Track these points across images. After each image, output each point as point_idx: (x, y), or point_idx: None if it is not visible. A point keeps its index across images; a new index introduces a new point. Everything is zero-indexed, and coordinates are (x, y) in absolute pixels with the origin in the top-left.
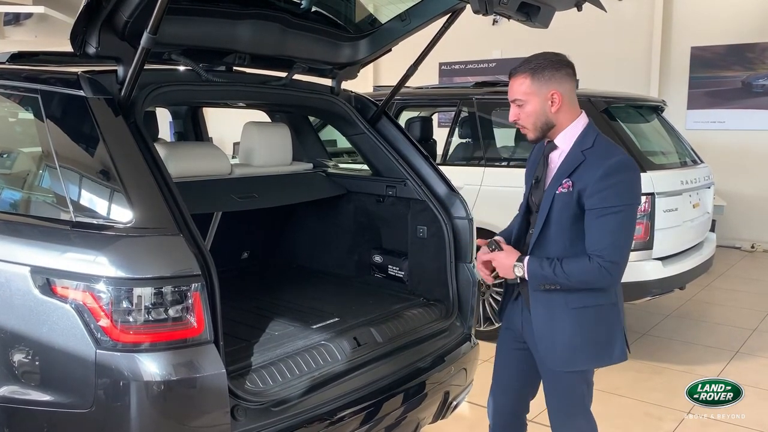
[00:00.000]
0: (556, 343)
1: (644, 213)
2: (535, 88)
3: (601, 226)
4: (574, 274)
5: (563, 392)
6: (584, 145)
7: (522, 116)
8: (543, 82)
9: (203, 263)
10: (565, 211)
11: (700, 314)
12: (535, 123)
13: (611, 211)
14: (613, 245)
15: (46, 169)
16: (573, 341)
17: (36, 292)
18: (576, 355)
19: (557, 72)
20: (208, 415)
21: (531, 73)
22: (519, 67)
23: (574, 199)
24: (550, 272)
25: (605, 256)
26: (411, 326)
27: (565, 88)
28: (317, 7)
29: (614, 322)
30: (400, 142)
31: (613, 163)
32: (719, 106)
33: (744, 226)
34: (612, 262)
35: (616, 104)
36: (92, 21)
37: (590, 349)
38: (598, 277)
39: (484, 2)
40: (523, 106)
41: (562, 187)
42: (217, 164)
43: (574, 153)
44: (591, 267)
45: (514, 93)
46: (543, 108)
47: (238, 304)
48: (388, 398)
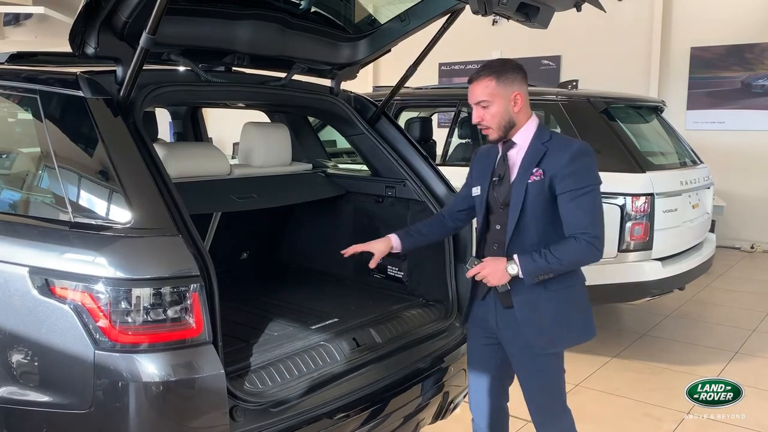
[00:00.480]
0: (543, 326)
1: (644, 213)
2: (500, 90)
3: (579, 207)
4: (567, 256)
5: (545, 374)
6: (543, 139)
7: (487, 117)
8: (507, 84)
9: (202, 264)
10: (539, 198)
11: (699, 315)
12: (499, 123)
13: (584, 192)
14: (593, 222)
15: (44, 170)
16: (557, 322)
17: (35, 292)
18: (561, 335)
19: (517, 75)
20: (207, 415)
21: (496, 76)
22: (481, 72)
23: (546, 186)
24: (543, 262)
25: (590, 232)
26: (410, 327)
27: (524, 90)
28: (316, 8)
29: (586, 300)
30: (399, 142)
31: (576, 149)
32: (719, 106)
33: (743, 227)
34: (596, 236)
35: (615, 105)
36: (91, 21)
37: (572, 328)
38: (588, 254)
39: (484, 2)
40: (488, 107)
41: (534, 175)
42: (217, 165)
43: (535, 146)
44: (580, 246)
45: (479, 95)
46: (507, 108)
47: (237, 305)
48: (388, 399)
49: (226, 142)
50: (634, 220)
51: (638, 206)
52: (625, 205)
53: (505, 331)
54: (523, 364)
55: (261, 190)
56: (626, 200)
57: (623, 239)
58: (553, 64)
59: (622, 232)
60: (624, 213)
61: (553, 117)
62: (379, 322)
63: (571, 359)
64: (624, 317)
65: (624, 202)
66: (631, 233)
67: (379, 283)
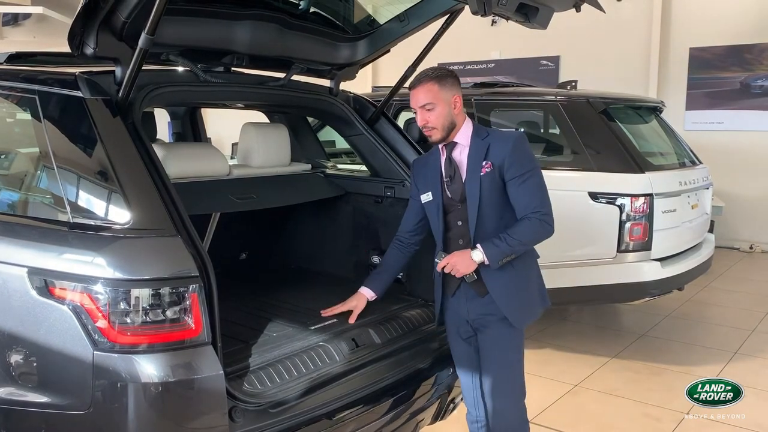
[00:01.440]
0: (522, 303)
1: (643, 214)
2: (442, 93)
3: (528, 189)
4: (524, 236)
5: (519, 349)
6: (481, 135)
7: (432, 119)
8: (447, 87)
9: (201, 264)
10: (493, 186)
11: (698, 315)
12: (443, 124)
13: (529, 175)
14: (542, 200)
15: (43, 170)
16: (528, 296)
17: (33, 293)
18: (531, 309)
19: (454, 80)
20: (206, 416)
21: (437, 81)
22: (422, 78)
23: (497, 175)
24: (504, 245)
25: (541, 210)
26: (409, 327)
27: (460, 94)
28: (315, 8)
29: (539, 274)
30: (398, 142)
31: (516, 137)
32: (718, 106)
33: (742, 227)
34: (546, 213)
35: (614, 105)
36: (90, 22)
37: (535, 301)
38: (541, 231)
39: (483, 3)
40: (432, 110)
41: (485, 167)
42: (216, 165)
43: (477, 143)
44: (533, 224)
45: (424, 99)
46: (449, 110)
47: (237, 306)
48: (387, 399)
49: (224, 142)
50: (633, 221)
51: (637, 207)
52: (625, 206)
53: (478, 318)
54: (498, 346)
55: (260, 191)
56: (625, 201)
57: (622, 239)
58: (552, 64)
59: (621, 232)
60: (623, 213)
61: (552, 117)
62: (378, 322)
63: (570, 359)
64: (623, 317)
65: (623, 202)
66: (631, 234)
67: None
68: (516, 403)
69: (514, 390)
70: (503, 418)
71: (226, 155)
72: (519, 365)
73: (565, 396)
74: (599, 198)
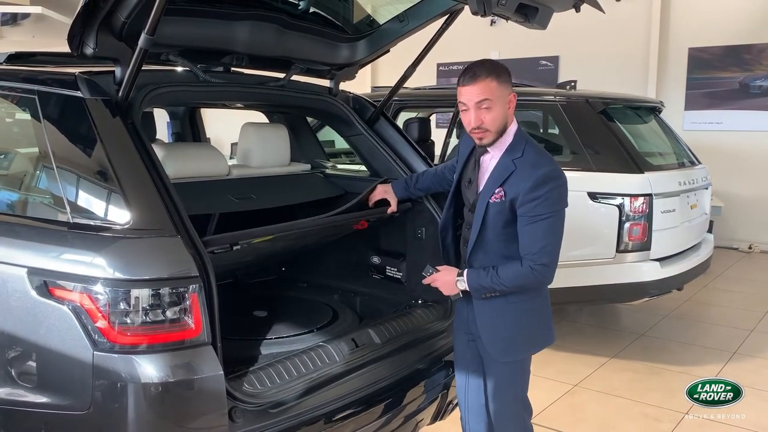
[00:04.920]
0: (498, 336)
1: (642, 214)
2: (500, 91)
3: (532, 232)
4: (509, 279)
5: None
6: (515, 155)
7: (488, 119)
8: (506, 85)
9: (201, 265)
10: (499, 217)
11: (697, 315)
12: (498, 126)
13: (540, 219)
14: (543, 249)
15: (43, 170)
16: (513, 333)
17: (33, 293)
18: (515, 346)
19: (509, 77)
20: (206, 416)
21: (496, 76)
22: (478, 72)
23: (507, 207)
24: (488, 281)
25: (536, 260)
26: (409, 327)
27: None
28: (315, 8)
29: (546, 311)
30: (398, 143)
31: (541, 175)
32: (717, 107)
33: (741, 227)
34: (542, 264)
35: (613, 105)
36: (90, 22)
37: (528, 339)
38: (531, 280)
39: (483, 3)
40: (490, 109)
41: (495, 197)
42: (215, 165)
43: (505, 162)
44: (523, 271)
45: (482, 94)
46: (505, 110)
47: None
48: (387, 399)
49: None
50: (633, 221)
51: (636, 207)
52: (624, 206)
53: (475, 329)
54: (493, 362)
55: (259, 191)
56: (624, 201)
57: (621, 240)
58: (551, 64)
59: (620, 232)
60: (622, 213)
61: (552, 117)
62: (377, 322)
63: (569, 359)
64: (622, 318)
65: (622, 202)
66: (630, 234)
67: (378, 283)
68: (514, 418)
69: (512, 406)
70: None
71: (225, 155)
72: (517, 382)
73: (564, 396)
74: (598, 198)
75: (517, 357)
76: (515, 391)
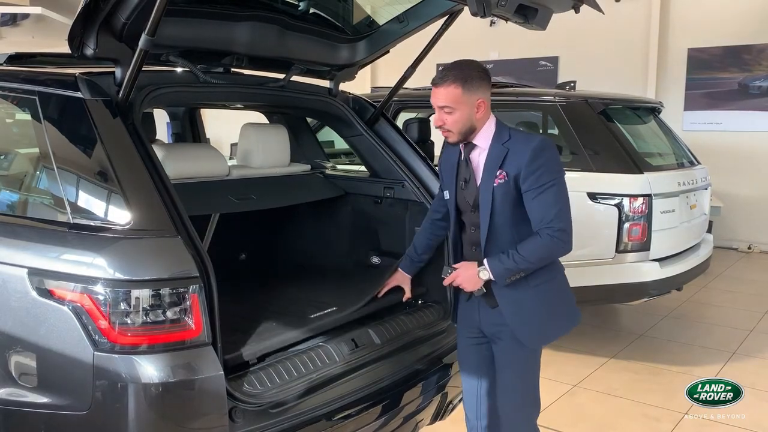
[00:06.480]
0: (532, 323)
1: (641, 214)
2: (465, 97)
3: (542, 201)
4: (531, 253)
5: (533, 367)
6: (502, 139)
7: (449, 121)
8: (472, 91)
9: (201, 265)
10: (507, 198)
11: (697, 315)
12: (461, 129)
13: (546, 187)
14: (557, 215)
15: (43, 171)
16: (545, 317)
17: (33, 294)
18: (549, 329)
19: (482, 81)
20: (206, 417)
21: (462, 83)
22: (446, 76)
23: (512, 186)
24: (511, 263)
25: (554, 226)
26: (409, 328)
27: (487, 96)
28: (315, 9)
29: (568, 289)
30: (397, 143)
31: (536, 146)
32: (716, 107)
33: (741, 227)
34: (560, 230)
35: (613, 106)
36: (90, 22)
37: (558, 320)
38: (553, 249)
39: (482, 4)
40: (451, 113)
41: (498, 178)
42: (215, 165)
43: (496, 147)
44: (543, 241)
45: (443, 100)
46: (469, 115)
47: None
48: (387, 400)
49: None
50: (632, 221)
51: (636, 207)
52: (623, 206)
53: (490, 328)
54: (510, 359)
55: (259, 191)
56: (624, 201)
57: (621, 240)
58: (550, 65)
59: (620, 232)
60: (622, 214)
61: (551, 118)
62: (377, 323)
63: (569, 360)
64: (622, 318)
65: (622, 203)
66: (629, 234)
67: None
68: (526, 418)
69: (525, 404)
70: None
71: (225, 156)
72: (532, 377)
73: (564, 396)
74: (598, 198)
75: (550, 340)
76: (531, 385)
